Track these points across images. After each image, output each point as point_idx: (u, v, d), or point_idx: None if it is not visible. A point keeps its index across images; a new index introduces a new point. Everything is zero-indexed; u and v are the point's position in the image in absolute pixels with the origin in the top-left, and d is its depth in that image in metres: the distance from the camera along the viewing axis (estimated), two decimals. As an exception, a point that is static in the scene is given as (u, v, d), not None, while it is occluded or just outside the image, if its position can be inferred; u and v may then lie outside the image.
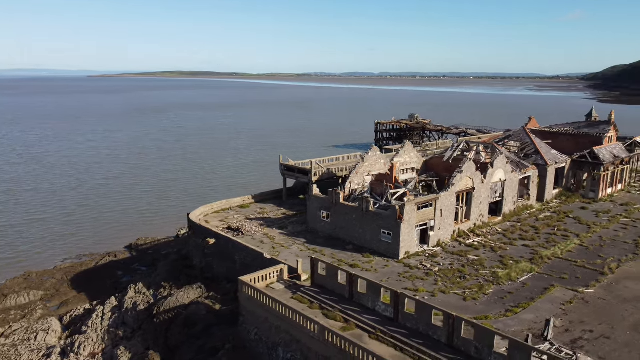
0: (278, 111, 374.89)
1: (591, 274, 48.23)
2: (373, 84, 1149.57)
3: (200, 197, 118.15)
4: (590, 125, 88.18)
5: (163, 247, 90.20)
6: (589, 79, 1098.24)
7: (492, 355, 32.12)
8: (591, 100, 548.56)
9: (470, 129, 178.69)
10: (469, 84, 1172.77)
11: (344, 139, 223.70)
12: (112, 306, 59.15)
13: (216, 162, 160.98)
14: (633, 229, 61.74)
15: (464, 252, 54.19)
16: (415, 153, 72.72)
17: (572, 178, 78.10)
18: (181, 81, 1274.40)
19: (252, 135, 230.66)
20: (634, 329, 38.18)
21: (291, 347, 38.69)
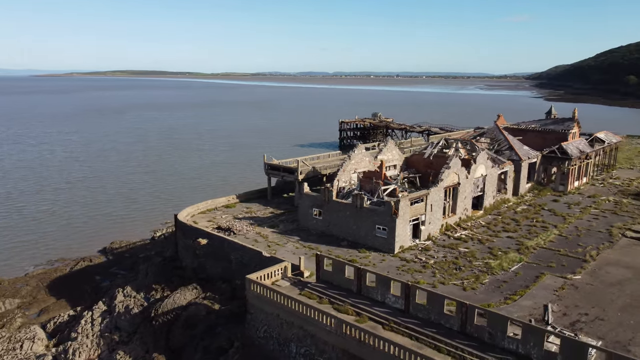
0: (237, 111, 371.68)
1: (575, 262, 51.25)
2: (329, 84, 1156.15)
3: (169, 199, 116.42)
4: (555, 122, 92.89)
5: (139, 249, 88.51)
6: (534, 78, 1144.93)
7: (506, 339, 33.92)
8: (538, 99, 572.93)
9: (434, 127, 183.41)
10: (422, 83, 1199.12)
11: (308, 138, 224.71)
12: (101, 311, 57.86)
13: (182, 164, 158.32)
14: (604, 219, 65.75)
15: (454, 244, 56.28)
16: (397, 151, 74.59)
17: (542, 172, 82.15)
18: (133, 81, 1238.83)
19: (214, 135, 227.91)
20: (623, 310, 41.06)
21: (305, 342, 39.32)
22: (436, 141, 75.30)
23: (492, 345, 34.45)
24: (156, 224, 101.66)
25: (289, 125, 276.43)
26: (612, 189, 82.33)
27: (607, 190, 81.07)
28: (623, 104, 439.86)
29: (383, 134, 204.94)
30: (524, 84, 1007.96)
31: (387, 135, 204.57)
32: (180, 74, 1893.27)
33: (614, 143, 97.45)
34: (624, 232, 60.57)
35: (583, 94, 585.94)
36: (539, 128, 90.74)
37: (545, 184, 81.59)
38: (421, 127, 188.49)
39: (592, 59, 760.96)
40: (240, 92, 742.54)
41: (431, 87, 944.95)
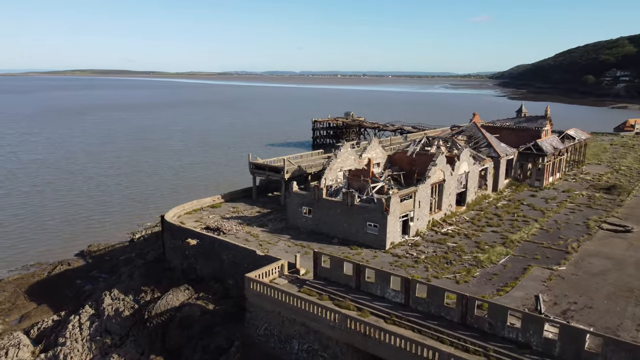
0: (206, 111, 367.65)
1: (558, 254, 53.39)
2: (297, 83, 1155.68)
3: (145, 201, 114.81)
4: (528, 120, 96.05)
5: (119, 252, 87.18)
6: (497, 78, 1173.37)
7: (506, 329, 35.26)
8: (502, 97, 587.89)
9: (406, 126, 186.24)
10: (389, 83, 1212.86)
11: (281, 137, 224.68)
12: (89, 315, 56.83)
13: (155, 165, 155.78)
14: (580, 213, 68.58)
15: (442, 240, 57.72)
16: (380, 149, 75.74)
17: (519, 169, 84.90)
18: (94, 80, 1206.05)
19: (186, 135, 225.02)
20: (609, 298, 43.16)
21: (307, 338, 39.78)
22: (418, 139, 76.84)
23: (493, 335, 35.73)
24: (133, 226, 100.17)
25: (261, 125, 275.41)
26: (584, 183, 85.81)
27: (580, 185, 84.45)
28: (583, 102, 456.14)
29: (356, 133, 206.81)
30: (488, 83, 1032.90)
31: (360, 134, 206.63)
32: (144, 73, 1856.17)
33: (583, 140, 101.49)
34: (600, 224, 63.37)
35: (544, 92, 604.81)
36: (513, 126, 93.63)
37: (521, 179, 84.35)
38: (394, 125, 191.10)
39: (551, 58, 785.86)
40: (208, 91, 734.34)
41: (398, 87, 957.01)
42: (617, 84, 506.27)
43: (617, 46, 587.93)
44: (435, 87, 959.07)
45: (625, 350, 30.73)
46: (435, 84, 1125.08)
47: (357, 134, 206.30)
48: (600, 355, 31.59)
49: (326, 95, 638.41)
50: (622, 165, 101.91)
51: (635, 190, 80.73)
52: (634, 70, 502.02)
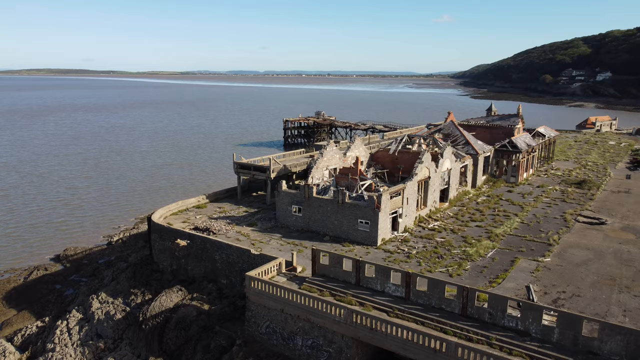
0: (173, 111, 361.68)
1: (541, 246, 55.72)
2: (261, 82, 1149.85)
3: (118, 204, 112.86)
4: (501, 118, 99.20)
5: (97, 255, 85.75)
6: (458, 77, 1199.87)
7: (506, 318, 36.82)
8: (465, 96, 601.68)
9: (378, 124, 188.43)
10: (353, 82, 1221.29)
11: (251, 137, 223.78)
12: (77, 319, 55.80)
13: (125, 167, 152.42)
14: (556, 207, 71.56)
15: (430, 235, 59.27)
16: (363, 147, 76.89)
17: (495, 165, 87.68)
18: (51, 80, 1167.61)
19: (153, 137, 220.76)
20: (593, 286, 45.48)
21: (311, 333, 40.34)
22: (399, 138, 78.37)
23: (493, 324, 37.26)
24: (109, 230, 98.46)
25: (230, 125, 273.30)
26: (556, 179, 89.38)
27: (552, 181, 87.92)
28: (541, 100, 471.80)
29: (327, 132, 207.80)
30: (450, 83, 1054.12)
31: (332, 133, 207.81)
32: (105, 72, 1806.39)
33: (552, 137, 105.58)
34: (576, 217, 66.36)
35: (504, 91, 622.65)
36: (487, 124, 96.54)
37: (498, 176, 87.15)
38: (365, 124, 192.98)
39: (510, 58, 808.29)
40: (171, 91, 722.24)
41: (363, 86, 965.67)
42: (573, 83, 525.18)
43: (572, 47, 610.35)
44: (399, 86, 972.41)
45: (620, 334, 32.69)
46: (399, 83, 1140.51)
47: (329, 133, 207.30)
48: (597, 340, 33.46)
49: (292, 94, 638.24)
50: (588, 161, 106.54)
51: (603, 184, 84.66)
52: (588, 70, 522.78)
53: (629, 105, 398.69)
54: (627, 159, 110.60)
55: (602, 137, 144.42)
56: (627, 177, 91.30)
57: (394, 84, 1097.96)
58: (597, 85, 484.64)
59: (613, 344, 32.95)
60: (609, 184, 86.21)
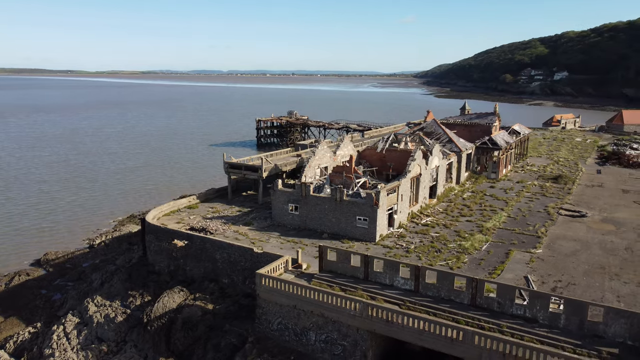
0: (139, 111, 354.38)
1: (531, 238, 58.22)
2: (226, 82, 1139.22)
3: (93, 207, 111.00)
4: (479, 117, 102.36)
5: (80, 259, 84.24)
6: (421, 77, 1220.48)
7: (514, 307, 38.64)
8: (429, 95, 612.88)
9: (351, 124, 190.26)
10: (318, 81, 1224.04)
11: (223, 137, 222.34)
12: (74, 323, 54.95)
13: (96, 169, 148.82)
14: (537, 201, 74.65)
15: (424, 230, 60.95)
16: (352, 146, 78.18)
17: (476, 162, 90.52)
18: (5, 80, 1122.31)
19: (122, 138, 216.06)
20: (586, 275, 48.06)
21: (325, 328, 41.17)
22: (386, 136, 79.98)
23: (502, 313, 39.05)
24: (87, 233, 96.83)
25: (200, 125, 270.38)
26: (532, 174, 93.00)
27: (529, 176, 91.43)
28: (502, 99, 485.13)
29: (300, 132, 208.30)
30: (413, 82, 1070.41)
31: (305, 132, 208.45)
32: (62, 72, 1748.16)
33: (526, 134, 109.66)
34: (558, 210, 69.50)
35: (467, 90, 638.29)
36: (466, 122, 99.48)
37: (479, 172, 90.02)
38: (339, 123, 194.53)
39: (471, 58, 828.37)
40: (135, 91, 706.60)
41: (328, 85, 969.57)
42: (532, 82, 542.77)
43: (530, 47, 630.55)
44: (364, 85, 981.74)
45: (624, 317, 34.94)
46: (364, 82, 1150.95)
47: (302, 133, 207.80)
48: (602, 324, 35.63)
49: (258, 94, 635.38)
50: (560, 157, 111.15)
51: (577, 179, 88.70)
52: (546, 70, 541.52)
53: (585, 103, 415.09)
54: (595, 154, 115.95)
55: (568, 134, 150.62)
56: (598, 172, 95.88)
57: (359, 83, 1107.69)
58: (554, 85, 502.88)
59: (617, 327, 35.17)
60: (583, 178, 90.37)
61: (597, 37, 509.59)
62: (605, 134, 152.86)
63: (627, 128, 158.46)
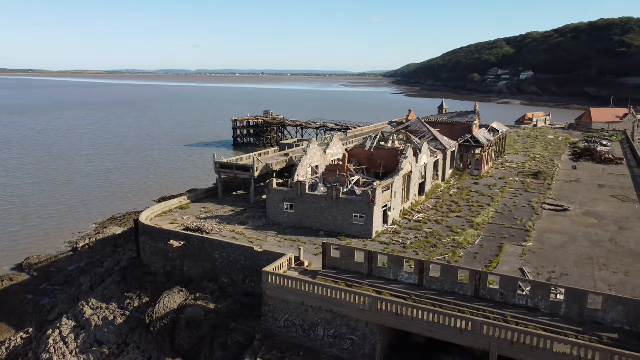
0: (109, 112, 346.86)
1: (520, 232, 60.37)
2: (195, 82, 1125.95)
3: (72, 210, 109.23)
4: (460, 115, 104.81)
5: (65, 262, 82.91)
6: (390, 76, 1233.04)
7: (516, 297, 40.27)
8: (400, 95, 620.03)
9: (329, 123, 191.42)
10: (288, 81, 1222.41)
11: (197, 138, 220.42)
12: (70, 327, 54.21)
13: (69, 172, 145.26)
14: (521, 196, 77.19)
15: (417, 227, 62.41)
16: (340, 145, 79.15)
17: (459, 159, 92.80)
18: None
19: (93, 139, 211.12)
20: (577, 265, 50.29)
21: (334, 323, 41.92)
22: (374, 135, 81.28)
23: (505, 304, 40.64)
24: (68, 236, 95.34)
25: (172, 126, 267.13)
26: (513, 171, 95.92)
27: (510, 173, 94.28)
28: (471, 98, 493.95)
29: (277, 132, 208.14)
30: (383, 81, 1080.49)
31: (282, 132, 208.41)
32: (22, 71, 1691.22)
33: (504, 132, 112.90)
34: (542, 205, 72.10)
35: (436, 90, 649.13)
36: (447, 121, 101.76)
37: (462, 169, 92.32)
38: (316, 123, 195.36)
39: (440, 58, 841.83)
40: (101, 91, 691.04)
41: (298, 85, 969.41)
42: (499, 81, 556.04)
43: (496, 47, 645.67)
44: (334, 85, 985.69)
45: (622, 304, 36.95)
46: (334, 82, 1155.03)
47: (279, 132, 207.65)
48: (601, 311, 37.56)
49: (229, 94, 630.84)
50: (536, 154, 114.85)
51: (556, 175, 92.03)
52: (512, 69, 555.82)
53: (550, 102, 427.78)
54: (568, 151, 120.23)
55: (540, 132, 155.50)
56: (574, 168, 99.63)
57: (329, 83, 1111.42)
58: (521, 84, 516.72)
59: (615, 314, 37.15)
60: (560, 174, 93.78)
61: (560, 38, 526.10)
62: (575, 132, 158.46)
63: (595, 125, 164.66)
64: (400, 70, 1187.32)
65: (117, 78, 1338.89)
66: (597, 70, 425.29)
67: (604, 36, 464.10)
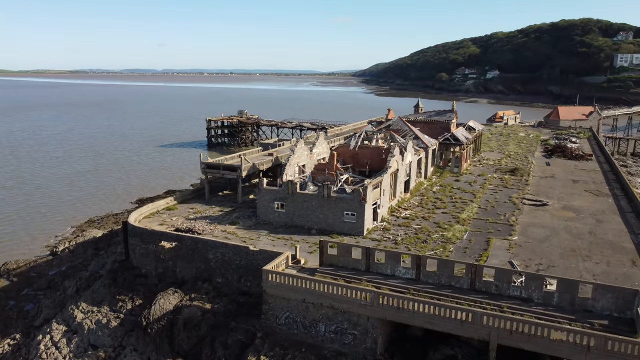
0: (76, 113, 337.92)
1: (504, 227, 62.45)
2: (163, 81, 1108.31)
3: (46, 214, 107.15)
4: (438, 114, 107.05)
5: (44, 267, 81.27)
6: (359, 75, 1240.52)
7: (510, 288, 41.92)
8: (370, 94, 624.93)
9: (305, 122, 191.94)
10: (258, 81, 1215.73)
11: (171, 138, 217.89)
12: (61, 332, 53.48)
13: (39, 175, 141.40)
14: (501, 192, 79.64)
15: (405, 223, 63.78)
16: (326, 144, 79.97)
17: (439, 157, 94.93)
18: None
19: (62, 141, 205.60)
20: (562, 257, 52.49)
21: (335, 319, 42.72)
22: (358, 134, 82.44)
23: (500, 295, 42.26)
24: (45, 240, 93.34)
25: (144, 126, 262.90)
26: (490, 168, 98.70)
27: (488, 169, 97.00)
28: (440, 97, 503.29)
29: (252, 132, 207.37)
30: (352, 81, 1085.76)
31: (257, 132, 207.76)
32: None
33: (480, 130, 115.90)
34: (522, 200, 74.64)
35: (405, 89, 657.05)
36: (426, 119, 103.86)
37: (442, 167, 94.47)
38: (292, 122, 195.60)
39: (408, 57, 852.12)
40: (65, 91, 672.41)
41: (268, 84, 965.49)
42: (466, 81, 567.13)
43: (463, 47, 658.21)
44: (304, 84, 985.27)
45: (611, 292, 39.00)
46: (303, 82, 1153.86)
47: (252, 132, 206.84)
48: (591, 299, 39.52)
49: (198, 94, 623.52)
50: (510, 151, 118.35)
51: (531, 171, 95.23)
52: (479, 69, 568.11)
53: (515, 100, 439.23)
54: (540, 148, 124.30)
55: (512, 130, 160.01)
56: (547, 164, 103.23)
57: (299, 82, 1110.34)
58: (487, 83, 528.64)
59: (604, 302, 39.16)
60: (535, 170, 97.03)
61: (524, 38, 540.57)
62: (544, 129, 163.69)
63: (563, 123, 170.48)
64: (369, 70, 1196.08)
65: (81, 78, 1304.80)
66: (559, 70, 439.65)
67: (566, 36, 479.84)
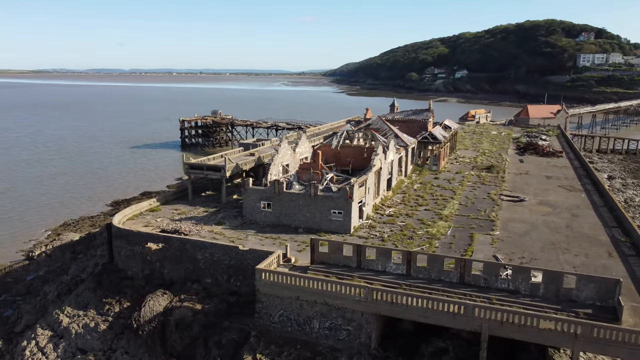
0: (42, 114, 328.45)
1: (486, 222, 64.26)
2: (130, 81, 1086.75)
3: (18, 219, 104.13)
4: (415, 113, 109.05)
5: (21, 272, 79.70)
6: (330, 75, 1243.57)
7: (498, 281, 43.37)
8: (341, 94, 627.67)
9: (280, 122, 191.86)
10: (228, 81, 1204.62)
11: (143, 139, 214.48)
12: (47, 337, 52.52)
13: (6, 178, 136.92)
14: (479, 189, 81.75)
15: (390, 220, 64.91)
16: (308, 143, 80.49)
17: (418, 155, 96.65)
18: None
19: (30, 144, 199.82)
20: (543, 250, 54.46)
21: (329, 316, 43.36)
22: (340, 133, 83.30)
23: (488, 288, 43.66)
24: (19, 244, 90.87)
25: (114, 127, 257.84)
26: (467, 165, 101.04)
27: (465, 167, 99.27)
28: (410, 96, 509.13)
29: (226, 132, 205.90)
30: (323, 80, 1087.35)
31: (231, 132, 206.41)
32: None
33: (455, 129, 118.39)
34: (500, 196, 76.81)
35: (375, 88, 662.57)
36: (404, 119, 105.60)
37: (421, 165, 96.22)
38: (267, 122, 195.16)
39: (378, 57, 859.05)
40: (28, 91, 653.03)
41: (238, 84, 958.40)
42: (436, 80, 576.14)
43: (431, 47, 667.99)
44: (275, 84, 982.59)
45: (593, 282, 40.84)
46: (274, 81, 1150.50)
47: (227, 132, 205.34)
48: (575, 289, 41.28)
49: (168, 94, 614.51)
50: (484, 148, 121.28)
51: (506, 168, 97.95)
52: (447, 69, 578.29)
53: (484, 99, 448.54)
54: (513, 146, 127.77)
55: (484, 128, 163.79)
56: (521, 161, 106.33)
57: (269, 82, 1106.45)
58: (456, 82, 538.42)
59: (587, 292, 40.98)
60: (510, 167, 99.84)
61: (491, 38, 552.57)
62: (515, 127, 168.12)
63: (532, 121, 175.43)
64: (339, 69, 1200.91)
65: (44, 78, 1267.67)
66: (525, 69, 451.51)
67: (531, 37, 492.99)
